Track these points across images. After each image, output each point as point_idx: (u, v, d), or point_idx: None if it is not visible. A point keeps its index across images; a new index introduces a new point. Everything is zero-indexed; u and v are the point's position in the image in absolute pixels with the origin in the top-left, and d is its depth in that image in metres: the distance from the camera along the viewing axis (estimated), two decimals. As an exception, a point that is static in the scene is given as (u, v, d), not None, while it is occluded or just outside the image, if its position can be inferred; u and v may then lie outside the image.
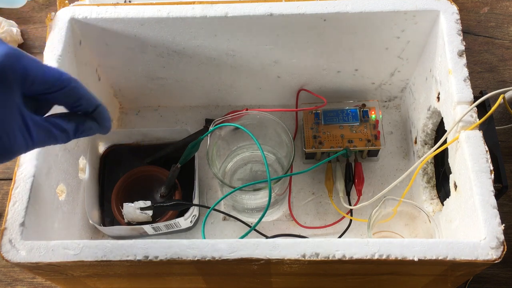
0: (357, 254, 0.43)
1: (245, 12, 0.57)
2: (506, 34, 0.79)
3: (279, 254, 0.44)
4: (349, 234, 0.62)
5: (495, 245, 0.43)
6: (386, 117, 0.71)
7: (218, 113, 0.71)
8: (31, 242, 0.45)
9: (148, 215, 0.60)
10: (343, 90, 0.69)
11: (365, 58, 0.63)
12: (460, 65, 0.52)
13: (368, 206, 0.60)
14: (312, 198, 0.66)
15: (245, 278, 0.51)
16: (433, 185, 0.61)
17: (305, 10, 0.56)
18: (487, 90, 0.58)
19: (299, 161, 0.68)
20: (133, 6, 0.57)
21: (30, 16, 0.84)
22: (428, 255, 0.43)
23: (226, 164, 0.65)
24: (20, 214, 0.46)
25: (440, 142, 0.51)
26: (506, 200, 0.67)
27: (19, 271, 0.65)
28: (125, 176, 0.64)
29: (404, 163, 0.68)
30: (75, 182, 0.59)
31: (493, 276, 0.63)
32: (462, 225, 0.49)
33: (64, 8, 0.58)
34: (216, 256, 0.44)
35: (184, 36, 0.60)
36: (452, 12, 0.55)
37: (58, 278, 0.51)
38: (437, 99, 0.56)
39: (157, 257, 0.44)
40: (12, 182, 0.48)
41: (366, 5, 0.56)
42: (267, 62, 0.64)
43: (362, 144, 0.64)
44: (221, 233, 0.64)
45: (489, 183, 0.46)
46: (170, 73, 0.66)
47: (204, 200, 0.66)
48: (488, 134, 0.51)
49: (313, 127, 0.65)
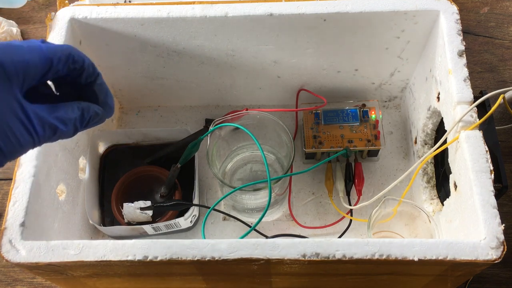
0: (357, 254, 0.43)
1: (245, 12, 0.57)
2: (506, 34, 0.79)
3: (279, 254, 0.44)
4: (349, 234, 0.62)
5: (495, 245, 0.43)
6: (386, 117, 0.71)
7: (218, 113, 0.71)
8: (31, 242, 0.45)
9: (148, 215, 0.60)
10: (343, 90, 0.69)
11: (365, 58, 0.63)
12: (460, 65, 0.52)
13: (368, 206, 0.60)
14: (312, 198, 0.66)
15: (245, 278, 0.51)
16: (433, 185, 0.61)
17: (305, 10, 0.56)
18: (487, 90, 0.58)
19: (299, 161, 0.68)
20: (133, 6, 0.57)
21: (30, 16, 0.84)
22: (428, 255, 0.43)
23: (226, 164, 0.65)
24: (20, 214, 0.46)
25: (440, 142, 0.51)
26: (506, 200, 0.67)
27: (19, 271, 0.65)
28: (125, 176, 0.64)
29: (404, 163, 0.68)
30: (75, 182, 0.59)
31: (493, 276, 0.63)
32: (462, 225, 0.49)
33: (64, 8, 0.58)
34: (216, 256, 0.44)
35: (184, 36, 0.60)
36: (452, 12, 0.55)
37: (58, 278, 0.51)
38: (437, 99, 0.56)
39: (157, 257, 0.44)
40: (12, 182, 0.48)
41: (366, 5, 0.56)
42: (267, 62, 0.64)
43: (362, 144, 0.64)
44: (221, 233, 0.64)
45: (489, 183, 0.46)
46: (170, 73, 0.66)
47: (204, 200, 0.66)
48: (488, 134, 0.51)
49: (313, 127, 0.65)
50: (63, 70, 0.37)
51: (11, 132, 0.34)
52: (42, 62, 0.36)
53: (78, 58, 0.38)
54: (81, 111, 0.39)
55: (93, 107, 0.40)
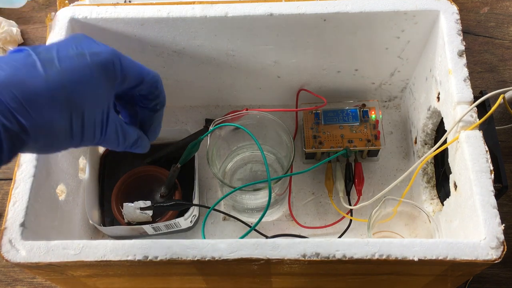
0: (357, 254, 0.43)
1: (245, 12, 0.57)
2: (506, 34, 0.79)
3: (279, 254, 0.44)
4: (349, 234, 0.62)
5: (495, 245, 0.43)
6: (386, 117, 0.71)
7: (218, 113, 0.71)
8: (31, 242, 0.45)
9: (148, 215, 0.60)
10: (343, 90, 0.69)
11: (365, 58, 0.63)
12: (460, 65, 0.52)
13: (368, 206, 0.60)
14: (312, 198, 0.66)
15: (245, 278, 0.51)
16: (433, 185, 0.61)
17: (305, 10, 0.56)
18: (487, 90, 0.58)
19: (299, 161, 0.68)
20: (133, 6, 0.57)
21: (30, 16, 0.84)
22: (428, 255, 0.43)
23: (226, 164, 0.65)
24: (20, 214, 0.46)
25: (440, 142, 0.51)
26: (506, 200, 0.67)
27: (19, 271, 0.65)
28: (125, 176, 0.64)
29: (404, 163, 0.68)
30: (75, 182, 0.59)
31: (493, 276, 0.63)
32: (462, 225, 0.49)
33: (64, 8, 0.58)
34: (216, 256, 0.44)
35: (184, 36, 0.60)
36: (452, 12, 0.55)
37: (58, 278, 0.51)
38: (437, 99, 0.56)
39: (157, 257, 0.44)
40: (12, 182, 0.48)
41: (366, 5, 0.56)
42: (267, 62, 0.64)
43: (362, 144, 0.64)
44: (221, 233, 0.64)
45: (489, 183, 0.46)
46: (170, 73, 0.66)
47: (204, 200, 0.66)
48: (488, 134, 0.51)
49: (313, 127, 0.65)
50: (145, 90, 0.42)
51: (92, 125, 0.37)
52: (136, 77, 0.40)
53: (160, 87, 0.43)
54: (137, 137, 0.43)
55: (145, 139, 0.44)
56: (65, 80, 0.35)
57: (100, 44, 0.38)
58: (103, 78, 0.37)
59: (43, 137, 0.35)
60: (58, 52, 0.36)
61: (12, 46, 0.78)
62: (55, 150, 0.37)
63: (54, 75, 0.35)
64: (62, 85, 0.35)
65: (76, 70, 0.36)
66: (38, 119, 0.34)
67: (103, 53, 0.37)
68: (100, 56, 0.37)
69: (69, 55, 0.36)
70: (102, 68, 0.37)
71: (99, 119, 0.38)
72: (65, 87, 0.35)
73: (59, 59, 0.36)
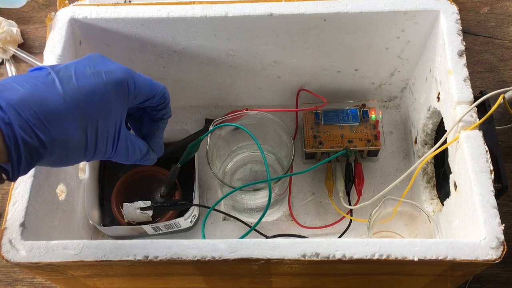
0: (357, 254, 0.43)
1: (245, 12, 0.57)
2: (506, 34, 0.79)
3: (279, 254, 0.44)
4: (349, 234, 0.62)
5: (495, 245, 0.43)
6: (386, 117, 0.71)
7: (218, 113, 0.71)
8: (31, 242, 0.45)
9: (148, 215, 0.60)
10: (343, 90, 0.69)
11: (365, 58, 0.63)
12: (460, 65, 0.52)
13: (368, 206, 0.60)
14: (312, 198, 0.66)
15: (245, 278, 0.51)
16: (433, 185, 0.61)
17: (305, 10, 0.56)
18: (487, 90, 0.58)
19: (299, 161, 0.68)
20: (133, 6, 0.57)
21: (30, 16, 0.84)
22: (428, 255, 0.43)
23: (226, 164, 0.65)
24: (20, 214, 0.46)
25: (440, 142, 0.51)
26: (506, 200, 0.67)
27: (19, 271, 0.65)
28: (125, 176, 0.64)
29: (404, 163, 0.68)
30: (75, 182, 0.59)
31: (493, 276, 0.63)
32: (462, 225, 0.49)
33: (64, 8, 0.58)
34: (216, 256, 0.44)
35: (184, 36, 0.60)
36: (452, 12, 0.55)
37: (58, 278, 0.51)
38: (437, 99, 0.56)
39: (157, 257, 0.44)
40: (12, 182, 0.48)
41: (366, 5, 0.56)
42: (267, 62, 0.64)
43: (362, 144, 0.64)
44: (221, 233, 0.64)
45: (489, 183, 0.46)
46: (170, 73, 0.66)
47: (204, 200, 0.66)
48: (488, 134, 0.51)
49: (313, 127, 0.65)
50: (156, 102, 0.44)
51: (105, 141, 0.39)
52: (147, 93, 0.42)
53: (168, 99, 0.45)
54: (147, 150, 0.45)
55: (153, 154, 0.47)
56: (81, 97, 0.37)
57: (115, 63, 0.40)
58: (117, 95, 0.39)
59: (59, 150, 0.37)
60: (75, 71, 0.38)
61: (12, 46, 0.78)
62: (68, 163, 0.39)
63: (72, 93, 0.37)
64: (79, 102, 0.37)
65: (92, 88, 0.38)
66: (56, 134, 0.36)
67: (117, 72, 0.39)
68: (115, 75, 0.39)
69: (86, 74, 0.38)
70: (116, 86, 0.39)
71: (111, 134, 0.40)
72: (82, 103, 0.37)
73: (76, 77, 0.38)
